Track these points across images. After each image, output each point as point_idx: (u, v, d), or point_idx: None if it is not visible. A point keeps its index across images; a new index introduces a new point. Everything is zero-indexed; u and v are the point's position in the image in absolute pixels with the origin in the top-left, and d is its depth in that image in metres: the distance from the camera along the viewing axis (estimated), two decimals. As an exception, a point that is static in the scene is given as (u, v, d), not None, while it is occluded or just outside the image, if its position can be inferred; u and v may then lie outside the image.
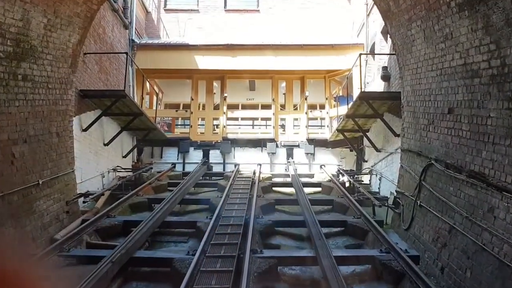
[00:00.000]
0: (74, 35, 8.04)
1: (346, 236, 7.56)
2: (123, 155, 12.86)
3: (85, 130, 10.06)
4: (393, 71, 10.73)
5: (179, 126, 17.67)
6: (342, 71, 14.75)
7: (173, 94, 17.63)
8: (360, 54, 10.87)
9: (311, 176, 13.35)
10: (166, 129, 16.72)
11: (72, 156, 8.24)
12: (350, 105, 10.83)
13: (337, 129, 12.61)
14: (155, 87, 17.17)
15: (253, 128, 18.34)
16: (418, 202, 6.78)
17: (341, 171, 12.46)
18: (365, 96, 9.97)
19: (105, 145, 11.40)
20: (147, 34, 16.89)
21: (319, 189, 11.69)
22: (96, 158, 10.85)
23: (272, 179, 13.20)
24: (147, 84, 16.04)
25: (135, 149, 14.06)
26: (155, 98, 17.06)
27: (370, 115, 11.14)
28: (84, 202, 8.54)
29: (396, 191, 8.06)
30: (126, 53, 11.24)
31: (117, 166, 12.13)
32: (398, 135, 9.74)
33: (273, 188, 11.75)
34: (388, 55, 11.47)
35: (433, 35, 6.53)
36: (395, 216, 7.82)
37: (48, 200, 7.08)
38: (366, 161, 12.62)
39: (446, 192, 5.93)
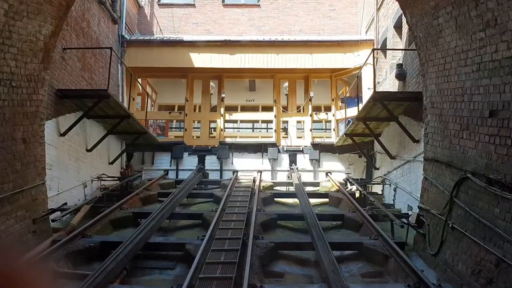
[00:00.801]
0: (45, 25, 6.99)
1: (361, 261, 6.49)
2: (110, 161, 11.80)
3: (63, 134, 9.02)
4: (410, 69, 9.68)
5: (173, 129, 16.61)
6: (349, 70, 13.71)
7: (167, 95, 16.59)
8: (374, 49, 9.82)
9: (317, 184, 12.29)
10: (159, 132, 15.69)
11: (43, 165, 7.18)
12: (361, 106, 9.77)
13: (345, 134, 11.54)
14: (148, 87, 16.17)
15: (253, 131, 17.28)
16: (450, 223, 5.71)
17: (350, 179, 11.38)
18: (379, 97, 8.91)
19: (88, 150, 10.35)
20: (139, 30, 15.86)
21: (326, 200, 10.64)
22: (77, 165, 9.79)
23: (274, 188, 12.16)
24: (139, 83, 15.04)
25: (124, 155, 13.00)
26: (147, 99, 16.03)
27: (384, 118, 10.08)
28: (54, 220, 7.44)
29: (419, 207, 6.98)
30: (110, 48, 10.18)
31: (102, 174, 11.08)
32: (417, 141, 8.68)
33: (275, 199, 10.70)
34: (403, 51, 10.42)
35: (469, 23, 5.47)
36: (418, 237, 6.75)
37: (8, 220, 6.02)
38: (378, 169, 11.55)
39: (489, 214, 4.85)
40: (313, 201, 10.14)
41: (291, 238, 7.76)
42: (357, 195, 10.65)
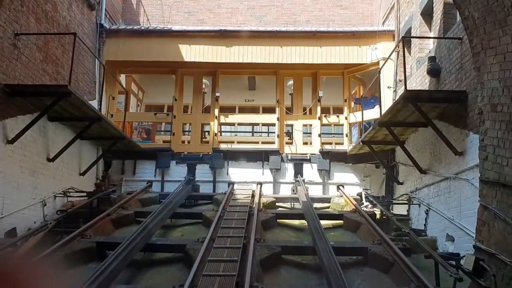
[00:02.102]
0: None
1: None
2: (81, 172, 10.04)
3: (11, 141, 7.27)
4: (446, 63, 7.94)
5: (162, 133, 14.84)
6: (365, 65, 11.97)
7: (156, 94, 14.82)
8: (403, 37, 8.08)
9: (327, 200, 10.53)
10: (145, 136, 13.94)
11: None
12: (388, 108, 8.02)
13: (362, 141, 9.78)
14: (133, 85, 14.44)
15: (252, 135, 15.51)
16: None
17: (368, 196, 9.62)
18: (412, 97, 7.17)
19: (50, 160, 8.62)
20: (124, 20, 14.14)
21: (340, 222, 8.88)
22: (33, 179, 8.05)
23: (276, 204, 10.42)
24: (121, 80, 13.31)
25: (100, 164, 11.25)
26: (127, 97, 14.31)
27: (413, 123, 8.36)
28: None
29: (476, 247, 5.22)
30: (74, 33, 8.42)
31: (70, 188, 9.33)
32: (460, 153, 6.93)
33: (278, 221, 8.94)
34: (435, 42, 8.68)
35: None
36: (477, 289, 4.98)
37: None
38: (401, 184, 9.79)
39: None
40: (324, 222, 8.41)
41: (300, 282, 6.00)
42: (377, 215, 8.95)
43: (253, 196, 10.22)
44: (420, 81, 9.41)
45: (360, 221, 8.29)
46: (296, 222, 9.09)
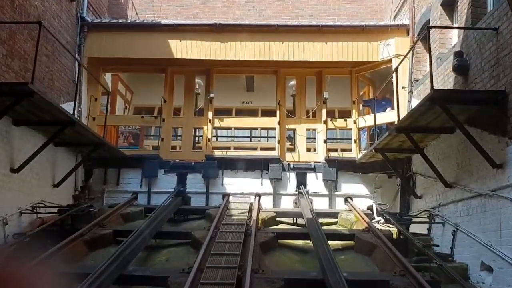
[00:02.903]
0: None
1: None
2: (54, 183, 8.93)
3: (-39, 150, 6.15)
4: (477, 59, 6.87)
5: (151, 137, 13.69)
6: (375, 63, 10.89)
7: (146, 95, 13.60)
8: (429, 27, 6.95)
9: (334, 215, 9.43)
10: (132, 141, 12.82)
11: None
12: (410, 111, 6.93)
13: (375, 148, 8.68)
14: (120, 85, 13.33)
15: (251, 140, 14.37)
16: None
17: (384, 213, 8.52)
18: (441, 97, 6.07)
19: (15, 171, 7.49)
20: (110, 14, 13.07)
21: (351, 242, 7.77)
22: (-8, 194, 6.92)
23: (277, 219, 9.32)
24: (106, 80, 12.22)
25: (79, 173, 10.13)
26: (109, 98, 13.22)
27: (437, 128, 7.28)
28: None
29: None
30: (39, 22, 7.30)
31: (40, 202, 8.21)
32: (498, 166, 5.83)
33: (280, 241, 7.83)
34: (461, 34, 7.60)
35: None
36: None
37: None
38: (420, 197, 8.69)
39: None
40: (332, 243, 7.33)
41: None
42: (394, 233, 7.85)
43: (250, 210, 9.13)
44: (442, 80, 8.34)
45: (375, 243, 7.18)
46: (300, 242, 7.98)
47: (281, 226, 9.05)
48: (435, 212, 7.81)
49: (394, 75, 8.46)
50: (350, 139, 14.44)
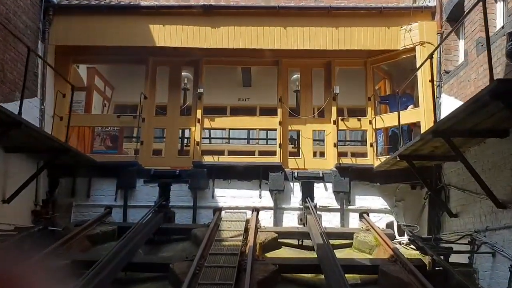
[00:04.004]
0: None
1: None
2: (4, 198, 7.35)
3: None
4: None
5: (133, 139, 12.03)
6: (395, 52, 9.32)
7: (129, 90, 11.88)
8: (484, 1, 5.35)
9: (349, 236, 7.88)
10: (110, 145, 11.23)
11: None
12: (456, 110, 5.33)
13: (400, 155, 7.12)
14: (98, 79, 11.74)
15: (248, 143, 12.78)
16: None
17: (415, 239, 6.97)
18: (506, 91, 4.48)
19: None
20: (85, -4, 11.44)
21: (374, 276, 6.21)
22: None
23: (279, 240, 7.78)
24: (78, 72, 10.66)
25: (41, 184, 8.53)
26: (97, 96, 11.65)
27: (486, 131, 5.73)
28: None
29: None
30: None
31: (-20, 224, 6.64)
32: None
33: (283, 275, 6.26)
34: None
35: None
36: None
37: None
38: (455, 216, 7.12)
39: None
40: (349, 275, 5.80)
41: None
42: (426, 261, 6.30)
43: (246, 230, 7.62)
44: (484, 70, 6.76)
45: (407, 280, 5.62)
46: (308, 275, 6.42)
47: (284, 250, 7.50)
48: (479, 237, 6.23)
49: (427, 62, 6.87)
50: (360, 141, 13.20)
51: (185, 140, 10.71)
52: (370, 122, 9.34)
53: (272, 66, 9.91)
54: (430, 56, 6.59)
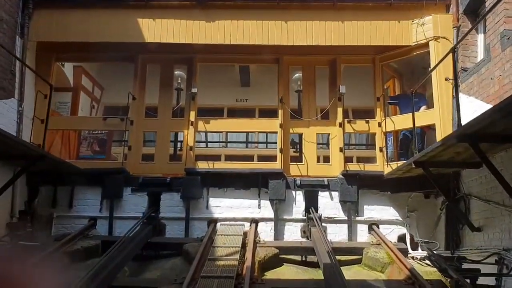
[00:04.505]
0: None
1: None
2: (-26, 210, 6.64)
3: None
4: None
5: (124, 143, 11.28)
6: (407, 48, 8.59)
7: (120, 91, 11.06)
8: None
9: (357, 251, 7.16)
10: (98, 149, 10.48)
11: None
12: (487, 113, 4.57)
13: (416, 162, 6.39)
14: (85, 79, 11.03)
15: (246, 146, 12.05)
16: None
17: (435, 259, 6.26)
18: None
19: None
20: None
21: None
22: None
23: (280, 256, 7.06)
24: (63, 71, 9.96)
25: (17, 193, 7.80)
26: (84, 97, 10.95)
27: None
28: None
29: None
30: None
31: None
32: None
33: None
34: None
35: None
36: None
37: None
38: (478, 230, 6.38)
39: None
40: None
41: None
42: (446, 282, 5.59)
43: (244, 246, 6.87)
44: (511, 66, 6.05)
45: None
46: (314, 299, 5.70)
47: (286, 269, 6.77)
48: (510, 256, 5.50)
49: (452, 54, 6.14)
50: (365, 144, 12.48)
51: (179, 144, 9.98)
52: (380, 125, 8.61)
53: (272, 64, 9.18)
54: (453, 50, 5.87)
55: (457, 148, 5.67)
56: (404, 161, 8.00)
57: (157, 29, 8.55)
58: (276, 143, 9.03)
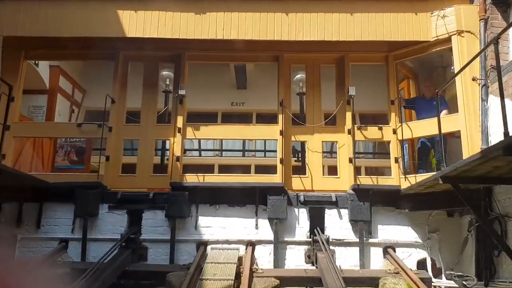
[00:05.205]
0: None
1: None
2: None
3: None
4: None
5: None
6: (425, 44, 7.60)
7: (103, 95, 10.12)
8: None
9: (372, 282, 6.11)
10: (75, 159, 9.49)
11: None
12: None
13: (444, 176, 5.39)
14: (64, 80, 10.05)
15: (243, 155, 11.03)
16: None
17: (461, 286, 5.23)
18: None
19: None
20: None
21: None
22: None
23: None
24: (40, 72, 8.99)
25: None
26: (63, 100, 9.97)
27: None
28: None
29: None
30: None
31: None
32: None
33: None
34: None
35: None
36: None
37: None
38: (521, 259, 5.35)
39: None
40: None
41: None
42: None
43: (238, 275, 5.84)
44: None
45: None
46: None
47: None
48: None
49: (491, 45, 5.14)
50: (372, 152, 11.48)
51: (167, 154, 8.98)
52: (395, 132, 7.59)
53: (271, 62, 8.18)
54: (495, 40, 4.83)
55: (498, 162, 4.68)
56: (424, 174, 7.07)
57: (139, 22, 7.55)
58: (275, 151, 8.03)
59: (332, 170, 8.27)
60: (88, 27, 7.57)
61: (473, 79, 6.79)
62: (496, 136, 6.06)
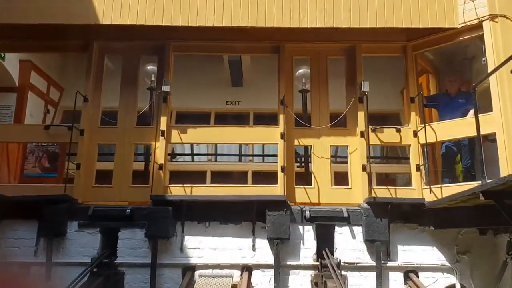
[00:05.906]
0: None
1: None
2: None
3: None
4: None
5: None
6: (451, 32, 6.61)
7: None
8: None
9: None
10: (47, 166, 8.45)
11: None
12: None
13: (485, 191, 4.38)
14: (37, 76, 9.04)
15: (240, 160, 10.01)
16: None
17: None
18: None
19: None
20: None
21: None
22: None
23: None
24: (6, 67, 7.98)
25: None
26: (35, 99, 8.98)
27: None
28: None
29: None
30: None
31: None
32: None
33: None
34: None
35: None
36: None
37: None
38: None
39: None
40: None
41: None
42: None
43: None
44: None
45: None
46: None
47: None
48: None
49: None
50: (380, 157, 10.36)
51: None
52: (415, 134, 6.58)
53: (271, 53, 7.17)
54: None
55: None
56: (452, 185, 6.07)
57: (116, 7, 6.57)
58: (275, 155, 7.02)
59: (339, 178, 7.23)
60: (57, 13, 6.62)
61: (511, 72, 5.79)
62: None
